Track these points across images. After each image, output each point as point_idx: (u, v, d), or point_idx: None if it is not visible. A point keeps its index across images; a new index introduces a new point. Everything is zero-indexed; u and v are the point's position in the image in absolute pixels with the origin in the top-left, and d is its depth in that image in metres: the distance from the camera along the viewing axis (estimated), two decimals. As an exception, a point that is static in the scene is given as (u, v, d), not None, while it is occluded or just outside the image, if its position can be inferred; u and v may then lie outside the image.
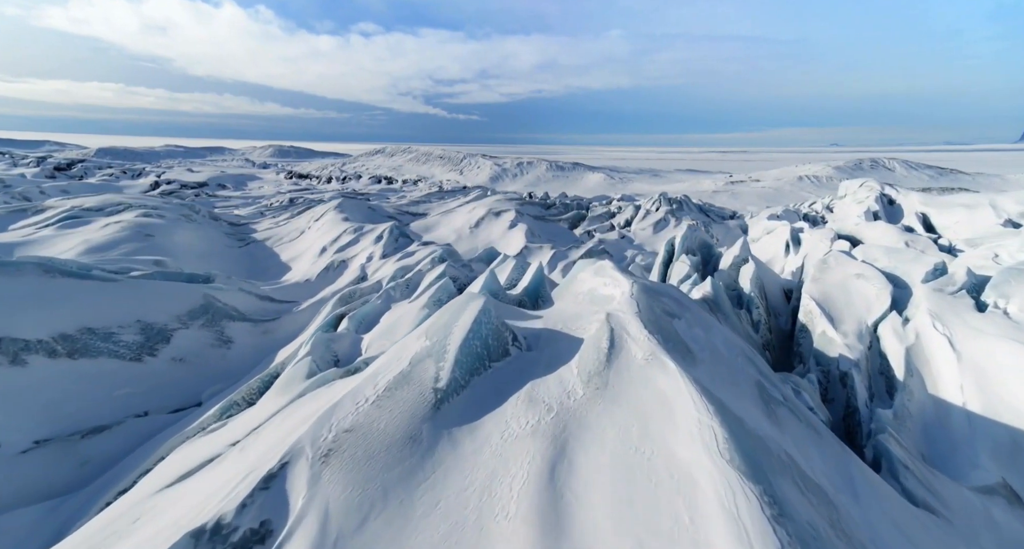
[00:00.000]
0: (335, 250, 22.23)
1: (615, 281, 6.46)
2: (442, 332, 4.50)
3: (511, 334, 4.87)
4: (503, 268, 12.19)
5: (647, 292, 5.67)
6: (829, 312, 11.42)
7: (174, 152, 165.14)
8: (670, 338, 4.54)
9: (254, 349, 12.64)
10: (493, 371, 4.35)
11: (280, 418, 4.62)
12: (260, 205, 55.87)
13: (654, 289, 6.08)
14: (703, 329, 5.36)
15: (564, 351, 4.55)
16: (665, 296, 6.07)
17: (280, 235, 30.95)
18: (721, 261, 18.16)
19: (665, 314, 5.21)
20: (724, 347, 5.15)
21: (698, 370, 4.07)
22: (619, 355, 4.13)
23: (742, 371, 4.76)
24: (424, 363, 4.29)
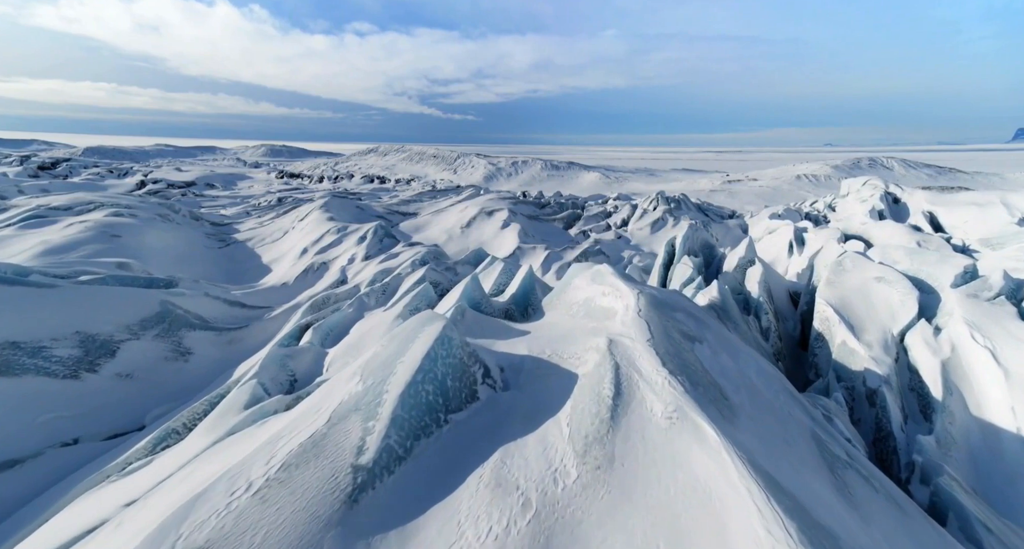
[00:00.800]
0: (316, 251, 21.05)
1: (616, 291, 5.37)
2: (381, 371, 3.28)
3: (482, 368, 3.73)
4: (490, 272, 11.07)
5: (658, 307, 4.58)
6: (849, 320, 10.37)
7: (164, 151, 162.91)
8: (696, 376, 3.37)
9: (216, 361, 11.47)
10: (450, 429, 3.12)
11: (177, 479, 3.49)
12: (247, 205, 54.64)
13: (665, 301, 5.00)
14: (730, 355, 4.27)
15: (552, 393, 3.41)
16: (679, 310, 4.99)
17: (263, 235, 29.72)
18: (725, 263, 17.11)
19: (684, 338, 4.09)
20: (761, 381, 4.05)
21: (741, 429, 2.92)
22: (629, 409, 2.96)
23: (791, 417, 3.65)
24: (348, 421, 2.94)
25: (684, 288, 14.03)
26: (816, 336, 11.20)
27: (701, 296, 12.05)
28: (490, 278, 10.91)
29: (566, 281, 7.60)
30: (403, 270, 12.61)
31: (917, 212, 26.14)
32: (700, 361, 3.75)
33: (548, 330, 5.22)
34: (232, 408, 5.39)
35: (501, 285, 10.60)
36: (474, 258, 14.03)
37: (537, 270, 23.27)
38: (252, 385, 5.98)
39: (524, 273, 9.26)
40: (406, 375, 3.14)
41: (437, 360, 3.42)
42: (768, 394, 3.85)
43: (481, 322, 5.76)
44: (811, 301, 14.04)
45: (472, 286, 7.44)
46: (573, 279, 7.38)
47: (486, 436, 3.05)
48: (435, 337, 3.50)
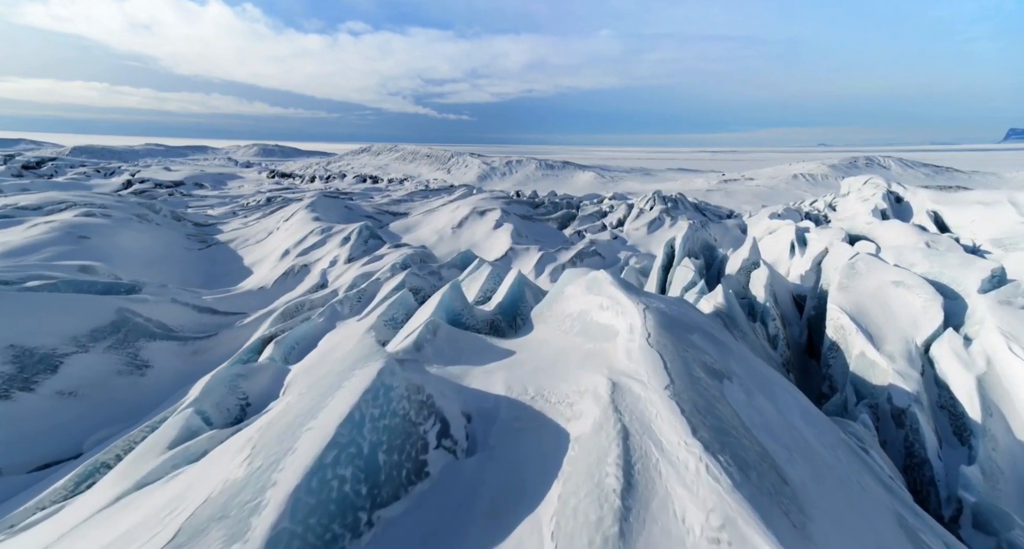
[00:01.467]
0: (298, 253, 20.06)
1: (617, 304, 4.48)
2: (278, 445, 2.21)
3: (438, 423, 2.76)
4: (476, 277, 10.15)
5: (670, 328, 3.66)
6: (866, 328, 9.51)
7: (154, 151, 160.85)
8: (741, 449, 2.27)
9: (178, 374, 10.49)
10: (373, 539, 2.24)
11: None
12: (235, 204, 53.57)
13: (677, 319, 4.09)
14: (767, 395, 3.34)
15: (533, 464, 2.46)
16: (695, 330, 4.09)
17: (246, 236, 28.68)
18: (727, 265, 16.27)
19: (709, 375, 3.16)
20: (811, 432, 3.13)
21: (820, 544, 1.96)
22: (648, 515, 1.90)
23: (865, 494, 2.71)
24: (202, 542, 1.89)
25: (685, 293, 13.18)
26: (830, 345, 10.35)
27: (705, 302, 11.19)
28: (476, 283, 10.00)
29: (558, 289, 6.69)
30: (382, 275, 11.67)
31: (921, 211, 25.40)
32: (737, 414, 2.81)
33: (535, 352, 4.33)
34: (154, 448, 4.46)
35: (488, 291, 9.70)
36: (461, 261, 13.10)
37: (530, 272, 22.39)
38: (187, 416, 5.03)
39: (512, 279, 8.34)
40: (310, 454, 2.09)
41: (364, 424, 2.37)
42: (827, 454, 2.93)
43: (456, 341, 4.85)
44: (819, 306, 13.20)
45: (451, 295, 6.52)
46: (566, 287, 6.47)
47: (432, 546, 2.10)
48: (364, 388, 2.51)
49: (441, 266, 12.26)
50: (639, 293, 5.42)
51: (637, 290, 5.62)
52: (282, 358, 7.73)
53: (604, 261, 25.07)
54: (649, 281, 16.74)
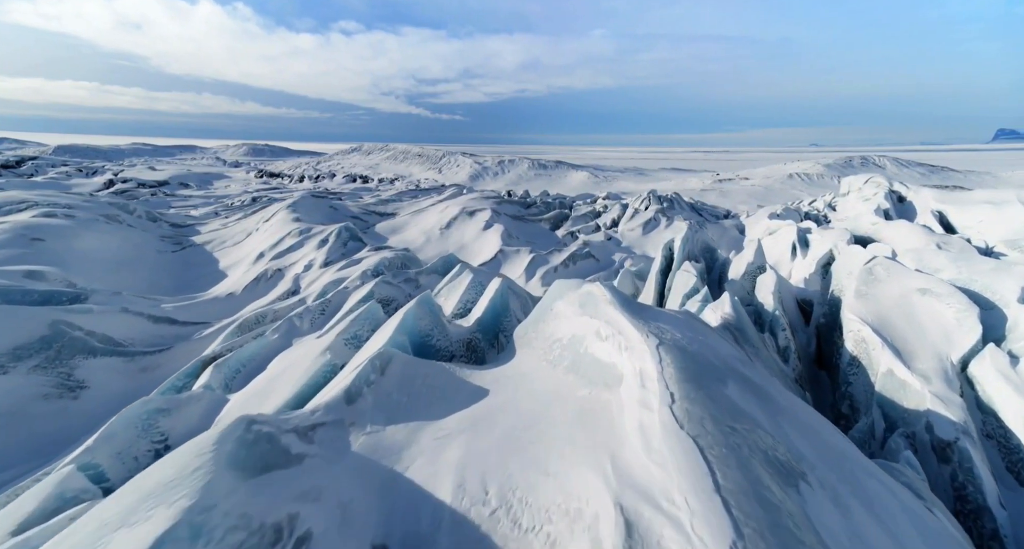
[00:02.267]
0: (273, 256, 18.84)
1: (620, 334, 3.41)
2: None
3: None
4: (456, 285, 9.01)
5: (700, 381, 2.57)
6: (892, 342, 8.48)
7: (141, 150, 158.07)
8: None
9: (119, 396, 9.27)
10: None
11: None
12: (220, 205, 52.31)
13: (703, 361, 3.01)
14: (862, 501, 2.27)
15: None
16: (727, 374, 2.99)
17: (224, 238, 27.37)
18: (731, 269, 15.24)
19: (776, 477, 2.02)
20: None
21: None
22: None
23: None
24: None
25: (687, 300, 12.11)
26: (850, 361, 9.31)
27: (710, 312, 10.13)
28: (456, 293, 8.87)
29: (546, 305, 5.57)
30: (351, 283, 10.52)
31: (925, 211, 24.54)
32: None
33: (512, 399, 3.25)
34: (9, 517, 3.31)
35: (469, 302, 8.58)
36: (443, 266, 11.97)
37: (520, 275, 21.28)
38: (64, 476, 3.87)
39: (495, 290, 7.22)
40: None
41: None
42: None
43: (413, 380, 3.75)
44: (831, 314, 12.18)
45: (416, 313, 5.40)
46: (555, 302, 5.36)
47: None
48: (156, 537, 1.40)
49: (420, 272, 11.12)
50: (644, 315, 4.32)
51: (641, 310, 4.52)
52: (222, 385, 6.57)
53: (598, 263, 24.01)
54: (646, 286, 15.67)
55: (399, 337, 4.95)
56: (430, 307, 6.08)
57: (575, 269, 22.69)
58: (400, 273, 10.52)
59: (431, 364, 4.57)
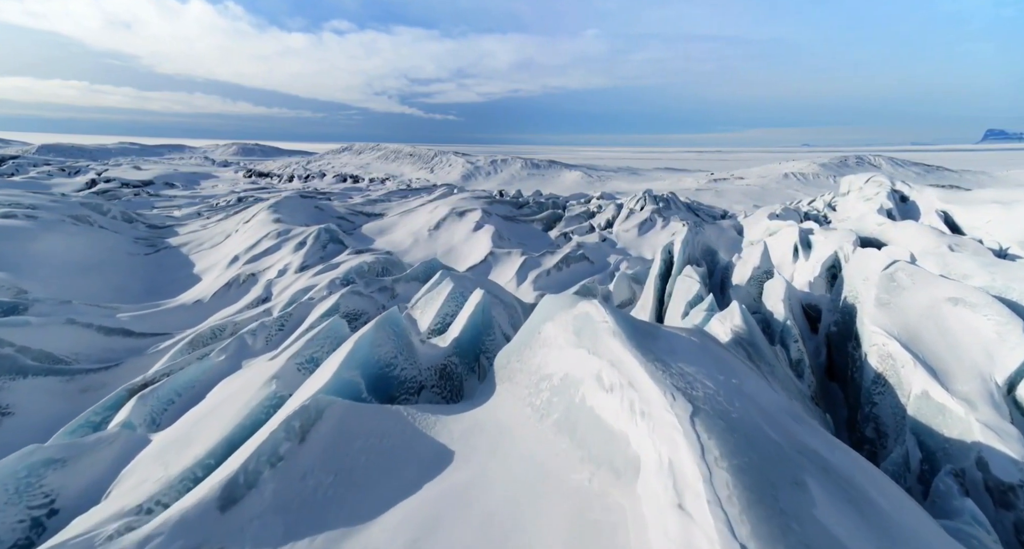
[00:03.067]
0: (248, 259, 17.72)
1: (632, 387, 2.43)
2: None
3: None
4: (434, 297, 7.97)
5: (775, 499, 1.63)
6: (924, 359, 7.54)
7: (128, 149, 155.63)
8: None
9: (51, 422, 8.14)
10: None
11: None
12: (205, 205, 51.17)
13: (766, 445, 2.06)
14: None
15: None
16: (805, 467, 2.03)
17: (202, 239, 26.16)
18: (735, 273, 14.31)
19: None
20: None
21: None
22: None
23: None
24: None
25: (691, 309, 11.14)
26: (875, 379, 8.36)
27: (718, 324, 9.17)
28: (434, 305, 7.83)
29: (533, 326, 4.56)
30: (318, 293, 9.46)
31: (929, 211, 23.74)
32: None
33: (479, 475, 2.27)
34: None
35: (448, 316, 7.54)
36: (424, 272, 10.92)
37: (511, 280, 20.25)
38: None
39: (475, 304, 6.20)
40: None
41: None
42: None
43: (351, 441, 2.75)
44: (844, 322, 11.26)
45: (374, 339, 4.38)
46: (544, 324, 4.36)
47: None
48: None
49: (398, 279, 10.06)
50: (657, 347, 3.31)
51: (651, 339, 3.51)
52: (147, 421, 5.49)
53: (592, 266, 23.03)
54: (645, 292, 14.71)
55: (347, 373, 3.91)
56: (394, 328, 5.04)
57: (568, 272, 21.72)
58: (374, 281, 9.44)
59: (384, 412, 3.54)
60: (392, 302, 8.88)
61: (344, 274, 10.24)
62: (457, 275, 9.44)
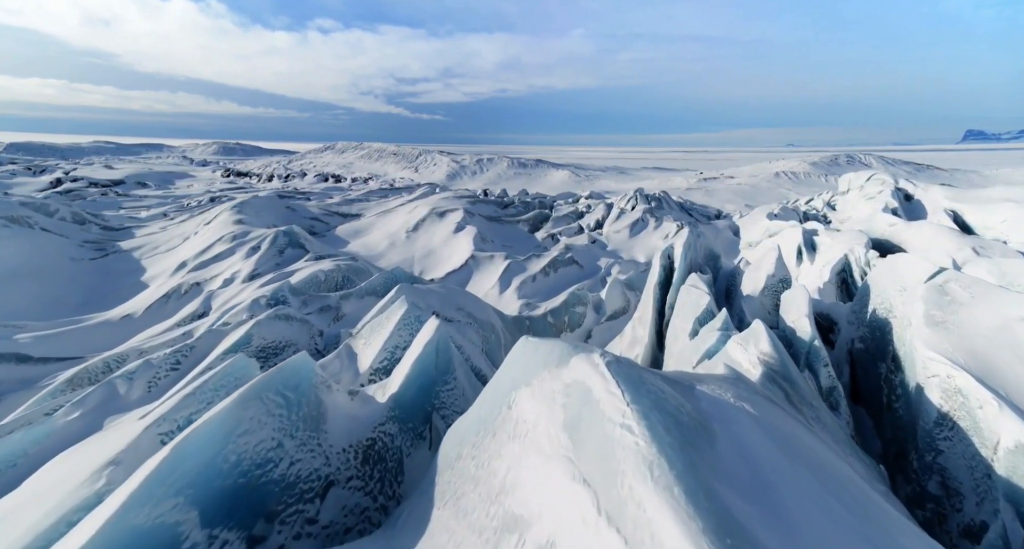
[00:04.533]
0: (195, 266, 15.73)
1: None
2: None
3: None
4: (383, 322, 6.15)
5: None
6: (1008, 398, 5.92)
7: (103, 148, 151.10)
8: None
9: None
10: None
11: None
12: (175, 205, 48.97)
13: None
14: None
15: None
16: None
17: (158, 242, 24.00)
18: (743, 281, 12.66)
19: None
20: None
21: None
22: None
23: None
24: None
25: (701, 327, 9.45)
26: (938, 419, 6.70)
27: (737, 348, 7.52)
28: (381, 334, 6.03)
29: (500, 394, 2.77)
30: (235, 317, 7.61)
31: (937, 210, 22.44)
32: None
33: None
34: None
35: (400, 347, 5.74)
36: (383, 284, 9.11)
37: (493, 286, 18.48)
38: None
39: (425, 343, 4.40)
40: None
41: None
42: None
43: None
44: (874, 339, 9.69)
45: (229, 426, 2.58)
46: (516, 393, 2.58)
47: None
48: None
49: (348, 295, 8.23)
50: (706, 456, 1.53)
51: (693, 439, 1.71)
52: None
53: (582, 271, 21.32)
54: (643, 303, 13.02)
55: (148, 512, 2.12)
56: (285, 394, 3.23)
57: (556, 277, 20.00)
58: (316, 298, 7.63)
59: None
60: (336, 326, 7.08)
61: (274, 291, 8.33)
62: (419, 290, 7.62)
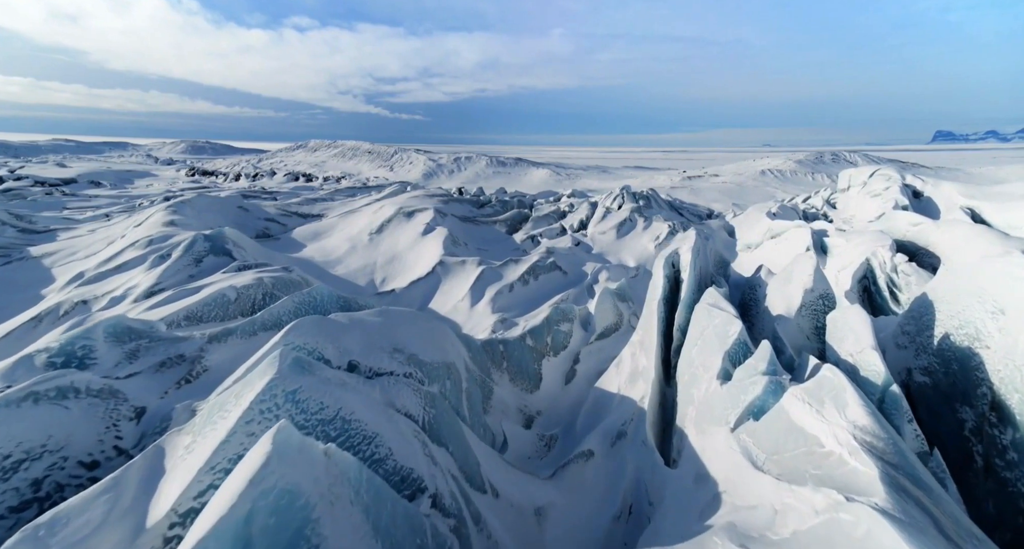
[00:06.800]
0: (92, 277, 12.78)
1: None
2: None
3: None
4: (225, 405, 3.31)
5: None
6: None
7: (62, 146, 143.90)
8: None
9: None
10: None
11: None
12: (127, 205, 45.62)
13: None
14: None
15: None
16: None
17: (77, 248, 20.78)
18: (767, 296, 10.21)
19: None
20: None
21: None
22: None
23: None
24: None
25: (738, 369, 6.95)
26: None
27: (804, 410, 5.08)
28: (217, 430, 3.27)
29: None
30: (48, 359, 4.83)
31: (952, 208, 20.46)
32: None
33: None
34: None
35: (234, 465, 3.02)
36: (293, 310, 6.43)
37: (464, 298, 15.85)
38: None
39: (232, 504, 1.57)
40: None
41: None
42: None
43: None
44: (946, 373, 7.35)
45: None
46: None
47: None
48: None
49: (226, 333, 5.54)
50: None
51: None
52: None
53: (566, 277, 18.78)
54: (644, 324, 10.50)
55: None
56: None
57: (536, 285, 17.45)
58: (159, 346, 4.95)
59: None
60: (175, 396, 4.42)
61: (70, 340, 5.47)
62: (332, 326, 4.95)
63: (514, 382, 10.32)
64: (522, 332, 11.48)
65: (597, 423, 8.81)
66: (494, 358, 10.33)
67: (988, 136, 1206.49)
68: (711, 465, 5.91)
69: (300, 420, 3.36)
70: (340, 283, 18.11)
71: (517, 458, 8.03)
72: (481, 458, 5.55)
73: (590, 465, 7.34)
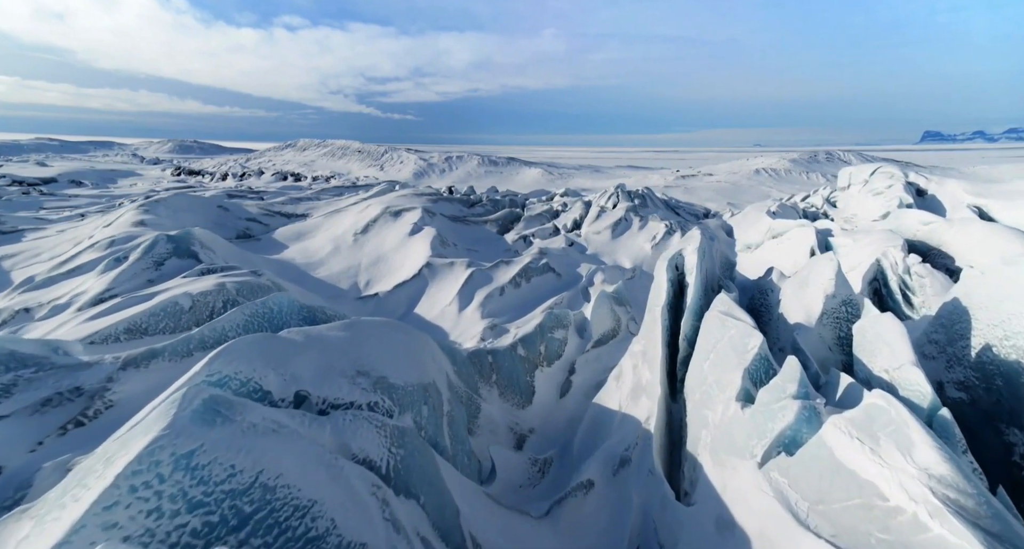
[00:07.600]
0: (43, 281, 11.69)
1: None
2: None
3: None
4: (93, 472, 2.23)
5: None
6: None
7: (45, 146, 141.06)
8: None
9: None
10: None
11: None
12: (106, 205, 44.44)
13: None
14: None
15: None
16: None
17: (42, 249, 19.59)
18: (781, 302, 9.31)
19: None
20: None
21: None
22: None
23: None
24: None
25: (762, 389, 6.01)
26: None
27: (853, 446, 4.10)
28: (69, 513, 2.22)
29: None
30: None
31: (958, 206, 19.77)
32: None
33: None
34: None
35: None
36: (243, 324, 5.46)
37: (452, 303, 14.89)
38: None
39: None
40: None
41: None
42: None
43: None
44: (989, 390, 6.53)
45: None
46: None
47: None
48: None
49: (147, 356, 4.52)
50: None
51: None
52: None
53: (559, 280, 17.86)
54: (646, 332, 9.60)
55: None
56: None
57: (529, 288, 16.50)
58: (50, 376, 3.96)
59: None
60: (54, 447, 3.42)
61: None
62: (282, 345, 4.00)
63: (504, 397, 9.37)
64: (513, 341, 10.54)
65: (596, 446, 7.87)
66: (482, 371, 9.38)
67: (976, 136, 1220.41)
68: (736, 509, 4.98)
69: (198, 496, 2.40)
70: (321, 286, 17.07)
71: (506, 488, 7.07)
72: (462, 504, 4.60)
73: (590, 498, 6.40)
